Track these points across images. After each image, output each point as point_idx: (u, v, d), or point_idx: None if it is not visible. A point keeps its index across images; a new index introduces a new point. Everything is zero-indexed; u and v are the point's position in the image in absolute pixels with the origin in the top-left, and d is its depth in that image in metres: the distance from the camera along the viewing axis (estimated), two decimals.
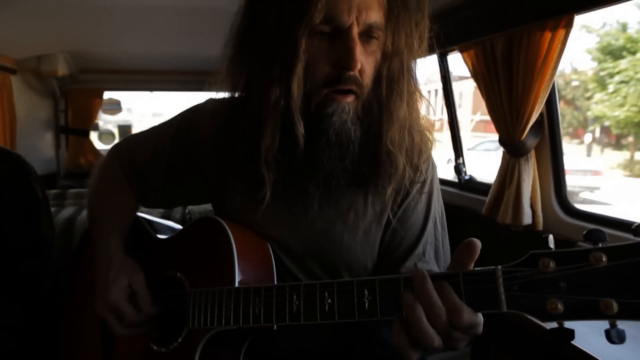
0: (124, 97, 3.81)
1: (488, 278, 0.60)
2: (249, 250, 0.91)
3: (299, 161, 0.82)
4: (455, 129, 2.60)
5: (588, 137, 10.93)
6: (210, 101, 1.01)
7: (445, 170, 2.69)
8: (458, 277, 0.62)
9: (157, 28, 2.83)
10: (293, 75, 0.77)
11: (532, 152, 1.92)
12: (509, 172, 1.98)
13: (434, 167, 1.00)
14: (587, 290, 0.53)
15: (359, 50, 0.77)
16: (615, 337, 0.52)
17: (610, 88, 7.39)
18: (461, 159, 2.56)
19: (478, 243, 0.63)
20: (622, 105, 7.29)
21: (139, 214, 1.15)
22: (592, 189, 7.94)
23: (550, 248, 0.58)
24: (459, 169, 2.55)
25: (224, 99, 0.93)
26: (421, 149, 0.91)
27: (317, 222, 0.91)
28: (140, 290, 0.92)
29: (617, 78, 7.19)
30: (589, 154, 10.55)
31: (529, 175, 1.92)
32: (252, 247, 0.93)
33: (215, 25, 0.95)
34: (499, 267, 0.60)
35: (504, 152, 2.01)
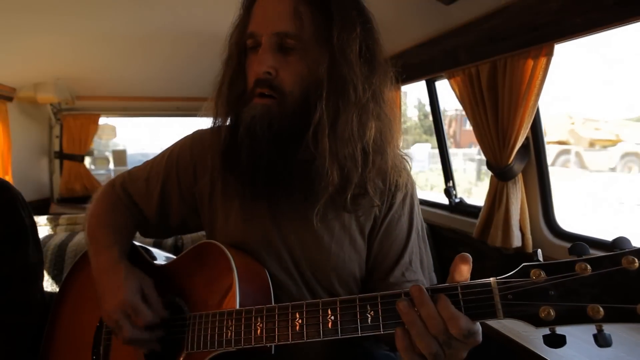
0: None
1: (485, 289, 0.64)
2: (249, 274, 0.92)
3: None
4: (444, 153, 2.65)
5: None
6: (199, 131, 1.09)
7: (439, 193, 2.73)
8: (457, 289, 0.66)
9: (152, 55, 2.89)
10: (226, 85, 0.93)
11: (520, 176, 1.96)
12: (497, 195, 2.01)
13: (412, 183, 1.05)
14: (575, 297, 0.58)
15: (267, 55, 0.86)
16: (602, 340, 0.56)
17: None
18: (451, 182, 2.60)
19: (469, 256, 0.67)
20: None
21: (134, 242, 1.15)
22: None
23: (540, 260, 0.62)
24: (449, 192, 2.58)
25: (210, 128, 1.01)
26: (384, 165, 0.95)
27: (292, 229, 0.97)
28: (151, 293, 0.93)
29: None
30: None
31: (517, 199, 1.96)
32: (251, 271, 0.94)
33: (211, 51, 1.00)
34: (494, 278, 0.64)
35: (492, 176, 2.05)
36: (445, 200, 2.65)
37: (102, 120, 3.88)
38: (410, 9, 2.08)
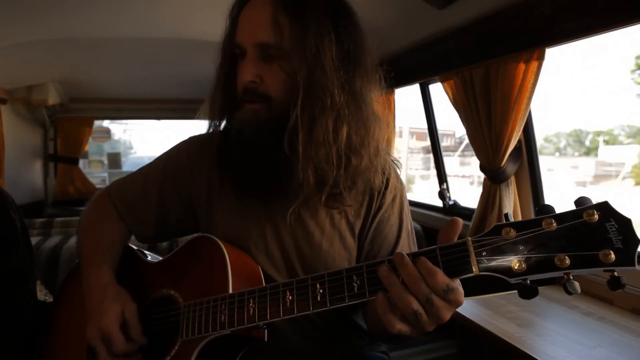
0: None
1: (461, 248, 0.68)
2: (242, 266, 0.95)
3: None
4: (438, 156, 2.67)
5: None
6: (193, 136, 1.13)
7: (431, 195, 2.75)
8: (435, 252, 0.70)
9: (146, 58, 2.90)
10: (220, 89, 0.97)
11: (512, 178, 1.98)
12: (490, 197, 2.02)
13: (402, 184, 1.08)
14: (543, 249, 0.63)
15: (250, 65, 0.91)
16: (570, 288, 0.60)
17: None
18: (445, 184, 2.62)
19: (460, 220, 0.71)
20: None
21: (130, 245, 1.16)
22: None
23: (510, 220, 0.67)
24: (443, 194, 2.60)
25: (205, 132, 1.04)
26: (363, 166, 0.95)
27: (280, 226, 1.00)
28: (132, 319, 0.93)
29: None
30: None
31: (510, 201, 1.97)
32: (244, 263, 0.97)
33: (205, 54, 1.02)
34: (469, 237, 0.68)
35: (485, 179, 2.07)
36: (439, 203, 2.67)
37: (97, 123, 3.87)
38: (403, 13, 2.10)
